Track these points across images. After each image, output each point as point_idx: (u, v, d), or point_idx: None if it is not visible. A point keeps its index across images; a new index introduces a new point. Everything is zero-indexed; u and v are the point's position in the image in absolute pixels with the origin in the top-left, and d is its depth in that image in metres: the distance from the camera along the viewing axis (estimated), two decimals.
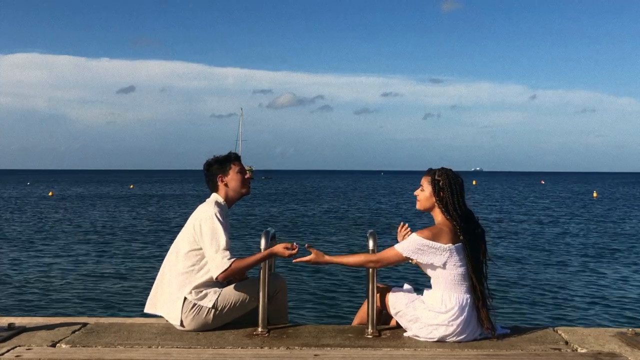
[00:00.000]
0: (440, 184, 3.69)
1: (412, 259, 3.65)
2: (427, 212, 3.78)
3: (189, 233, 3.90)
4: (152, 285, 4.06)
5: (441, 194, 3.68)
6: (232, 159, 4.12)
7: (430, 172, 3.76)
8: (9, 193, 55.69)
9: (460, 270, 3.61)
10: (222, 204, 4.02)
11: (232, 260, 3.75)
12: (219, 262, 3.75)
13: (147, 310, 4.03)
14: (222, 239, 3.78)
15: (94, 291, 11.46)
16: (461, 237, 3.62)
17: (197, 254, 3.86)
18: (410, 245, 3.59)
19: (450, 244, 3.60)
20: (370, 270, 3.77)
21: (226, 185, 4.05)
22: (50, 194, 52.38)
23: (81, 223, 25.85)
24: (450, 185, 3.69)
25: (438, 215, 3.72)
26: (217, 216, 3.84)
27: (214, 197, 4.06)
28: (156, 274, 4.07)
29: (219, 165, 4.08)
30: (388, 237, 20.21)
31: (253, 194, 54.79)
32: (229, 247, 3.79)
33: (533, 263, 15.15)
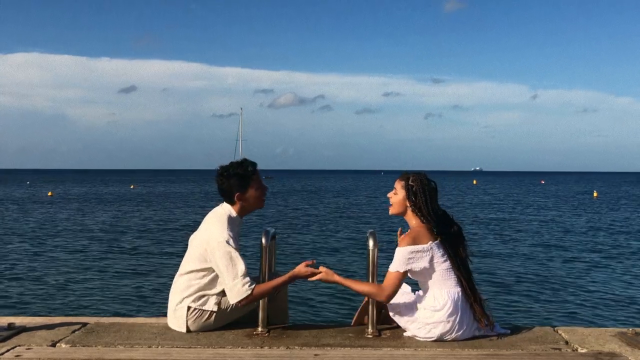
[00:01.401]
0: (414, 189, 3.71)
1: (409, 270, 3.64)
2: (400, 215, 3.80)
3: (198, 252, 3.79)
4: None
5: (414, 198, 3.70)
6: (251, 174, 3.86)
7: (404, 177, 3.78)
8: (9, 193, 55.69)
9: (445, 265, 3.65)
10: (235, 216, 3.88)
11: (253, 286, 3.67)
12: (239, 289, 3.64)
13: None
14: (240, 265, 3.67)
15: (94, 291, 11.46)
16: (438, 238, 3.66)
17: (203, 271, 3.78)
18: (402, 258, 3.60)
19: (431, 242, 3.63)
20: (370, 269, 3.77)
21: (244, 201, 3.88)
22: (49, 194, 52.38)
23: (81, 223, 25.86)
24: (424, 191, 3.71)
25: (412, 219, 3.75)
26: (229, 243, 3.69)
27: (227, 209, 3.87)
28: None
29: (237, 181, 3.83)
30: (388, 236, 20.22)
31: None
32: (247, 273, 3.69)
33: (533, 263, 15.15)
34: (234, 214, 3.88)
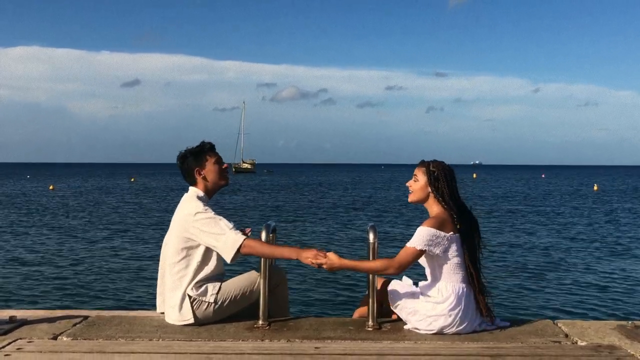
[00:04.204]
0: (436, 174, 3.72)
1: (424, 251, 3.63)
2: (420, 203, 3.79)
3: (178, 232, 3.81)
4: (152, 278, 4.06)
5: (437, 184, 3.71)
6: (207, 149, 3.97)
7: (424, 164, 3.79)
8: (9, 187, 55.72)
9: (456, 260, 3.64)
10: (203, 196, 3.92)
11: (245, 237, 3.68)
12: (233, 238, 3.64)
13: (159, 310, 3.99)
14: (225, 221, 3.72)
15: (95, 284, 11.49)
16: (458, 227, 3.65)
17: (188, 252, 3.79)
18: (423, 237, 3.58)
19: (452, 233, 3.62)
20: None
21: (204, 178, 3.93)
22: (51, 187, 52.38)
23: (82, 216, 25.89)
24: (446, 176, 3.72)
25: (433, 206, 3.74)
26: (204, 208, 3.75)
27: (194, 191, 3.93)
28: (157, 268, 4.06)
29: (194, 158, 3.93)
30: (387, 231, 20.23)
31: (256, 188, 54.82)
32: (235, 227, 3.71)
33: (532, 255, 15.17)
34: (200, 193, 3.92)
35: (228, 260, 3.71)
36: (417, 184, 3.78)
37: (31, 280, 11.83)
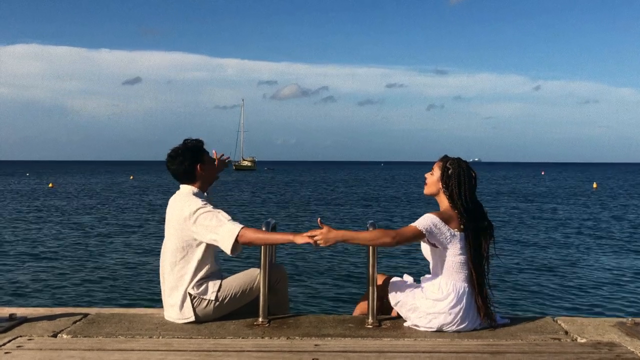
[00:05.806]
0: (449, 172, 3.71)
1: (424, 237, 3.61)
2: (433, 196, 3.81)
3: (177, 232, 3.80)
4: (152, 275, 4.06)
5: (447, 181, 3.70)
6: (202, 145, 3.96)
7: (444, 159, 3.79)
8: (9, 185, 55.70)
9: (460, 258, 3.63)
10: (198, 192, 3.90)
11: (242, 226, 3.65)
12: (230, 228, 3.63)
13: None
14: (223, 214, 3.71)
15: (95, 282, 11.49)
16: (462, 227, 3.64)
17: (188, 252, 3.79)
18: (426, 221, 3.59)
19: (457, 231, 3.62)
20: (371, 260, 3.76)
21: (203, 173, 3.91)
22: (50, 185, 52.37)
23: (81, 214, 25.89)
24: (459, 176, 3.69)
25: (444, 201, 3.74)
26: (204, 203, 3.75)
27: (188, 189, 3.90)
28: (157, 265, 4.05)
29: (192, 155, 3.87)
30: (386, 228, 20.22)
31: (257, 185, 54.83)
32: (233, 219, 3.70)
33: (532, 253, 15.18)
34: (195, 190, 3.90)
35: (228, 252, 3.66)
36: (432, 178, 3.79)
37: (31, 278, 11.84)
